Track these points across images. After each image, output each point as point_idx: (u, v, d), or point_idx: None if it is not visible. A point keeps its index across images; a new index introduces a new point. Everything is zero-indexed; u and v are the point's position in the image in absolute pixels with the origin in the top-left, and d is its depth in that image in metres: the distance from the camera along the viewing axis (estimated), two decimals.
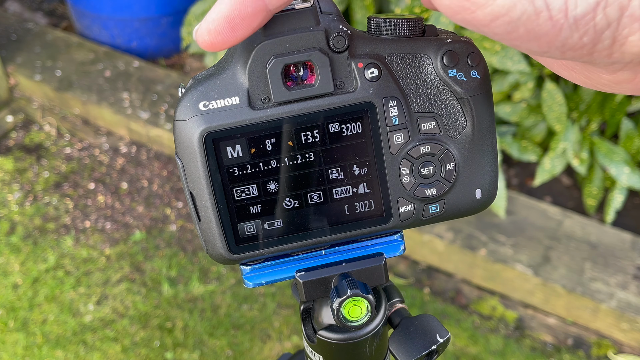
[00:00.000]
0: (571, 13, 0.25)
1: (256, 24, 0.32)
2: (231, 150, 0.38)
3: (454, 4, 0.26)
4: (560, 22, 0.25)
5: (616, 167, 1.95)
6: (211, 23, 0.31)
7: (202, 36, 0.32)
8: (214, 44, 0.32)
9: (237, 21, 0.31)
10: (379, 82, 0.37)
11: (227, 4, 0.31)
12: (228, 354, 1.82)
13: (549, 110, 1.97)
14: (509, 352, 1.83)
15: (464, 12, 0.26)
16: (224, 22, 0.31)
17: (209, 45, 0.32)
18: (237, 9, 0.31)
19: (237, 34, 0.32)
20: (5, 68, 2.60)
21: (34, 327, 1.88)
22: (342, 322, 0.40)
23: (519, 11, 0.25)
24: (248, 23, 0.32)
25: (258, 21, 0.32)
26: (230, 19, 0.31)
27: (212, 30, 0.31)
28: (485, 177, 0.41)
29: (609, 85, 0.31)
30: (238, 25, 0.31)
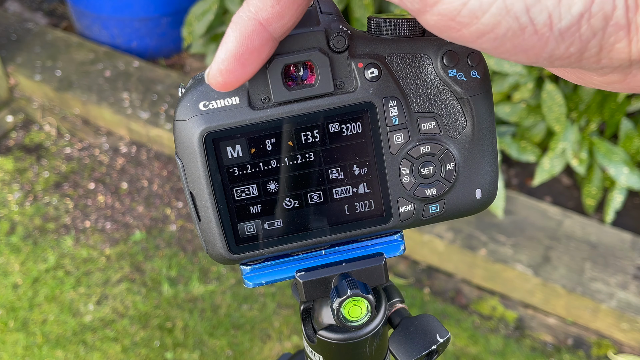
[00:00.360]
0: (556, 26, 0.25)
1: (265, 55, 0.32)
2: (231, 150, 0.38)
3: (440, 24, 0.26)
4: (546, 36, 0.25)
5: (615, 167, 1.95)
6: (221, 63, 0.31)
7: (215, 78, 0.32)
8: (227, 83, 0.32)
9: (246, 57, 0.31)
10: (379, 82, 0.37)
11: (233, 42, 0.31)
12: (228, 354, 1.82)
13: (548, 110, 1.97)
14: (509, 352, 1.83)
15: (449, 30, 0.26)
16: (234, 60, 0.31)
17: (223, 85, 0.32)
18: (244, 44, 0.31)
19: (248, 69, 0.32)
20: (5, 68, 2.60)
21: (34, 327, 1.88)
22: (342, 322, 0.40)
23: (503, 28, 0.25)
24: (257, 56, 0.32)
25: (266, 52, 0.32)
26: (238, 55, 0.31)
27: (224, 70, 0.31)
28: (485, 177, 0.41)
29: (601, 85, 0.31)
30: (247, 60, 0.31)
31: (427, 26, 0.27)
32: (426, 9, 0.26)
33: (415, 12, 0.27)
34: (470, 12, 0.25)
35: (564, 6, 0.24)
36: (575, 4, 0.24)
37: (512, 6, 0.24)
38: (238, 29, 0.31)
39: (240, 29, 0.31)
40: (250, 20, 0.31)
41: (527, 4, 0.24)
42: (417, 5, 0.26)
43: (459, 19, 0.25)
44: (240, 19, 0.31)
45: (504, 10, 0.25)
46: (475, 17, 0.25)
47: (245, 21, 0.31)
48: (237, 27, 0.31)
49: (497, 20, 0.25)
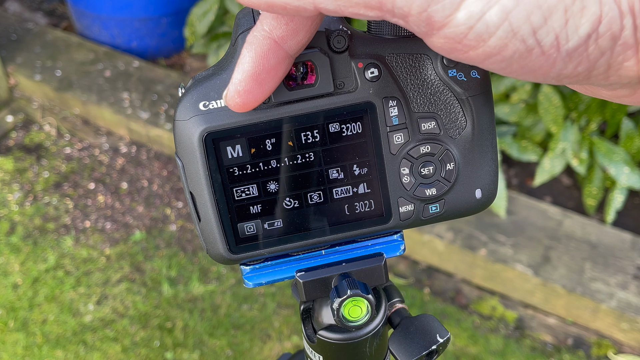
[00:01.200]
0: (563, 47, 0.25)
1: (282, 73, 0.32)
2: (231, 150, 0.38)
3: (446, 46, 0.26)
4: (553, 57, 0.25)
5: (616, 167, 1.95)
6: (239, 84, 0.31)
7: (233, 99, 0.32)
8: (246, 103, 0.32)
9: (263, 76, 0.31)
10: (379, 82, 0.37)
11: (249, 62, 0.31)
12: (228, 354, 1.82)
13: (545, 112, 1.97)
14: (509, 352, 1.83)
15: (456, 52, 0.26)
16: (251, 80, 0.31)
17: (241, 106, 0.32)
18: (260, 64, 0.31)
19: (265, 89, 0.32)
20: (5, 68, 2.60)
21: (34, 327, 1.88)
22: (342, 322, 0.40)
23: (510, 50, 0.25)
24: (274, 74, 0.31)
25: (283, 70, 0.32)
26: (255, 75, 0.31)
27: (242, 92, 0.31)
28: (485, 177, 0.41)
29: (610, 98, 0.31)
30: (265, 79, 0.31)
31: (433, 48, 0.27)
32: (433, 32, 0.26)
33: (421, 34, 0.26)
34: (477, 35, 0.25)
35: (570, 27, 0.24)
36: (582, 25, 0.24)
37: (519, 29, 0.24)
38: (253, 48, 0.31)
39: (255, 48, 0.31)
40: (265, 39, 0.30)
41: (534, 26, 0.24)
42: (424, 29, 0.26)
43: (465, 42, 0.25)
44: (255, 38, 0.31)
45: (510, 33, 0.25)
46: (482, 40, 0.25)
47: (260, 40, 0.30)
48: (252, 47, 0.31)
49: (504, 43, 0.25)
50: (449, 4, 0.24)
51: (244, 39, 0.36)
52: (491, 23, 0.24)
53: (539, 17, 0.24)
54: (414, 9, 0.25)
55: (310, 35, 0.31)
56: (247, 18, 0.37)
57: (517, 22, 0.24)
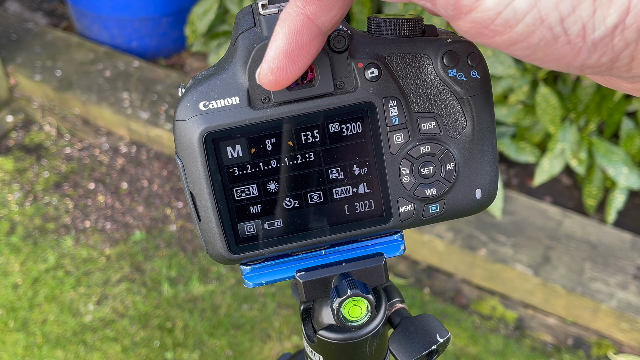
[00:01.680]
0: (589, 37, 0.25)
1: (315, 51, 0.32)
2: (231, 150, 0.38)
3: (473, 31, 0.26)
4: (579, 46, 0.25)
5: (614, 167, 1.95)
6: (272, 62, 0.31)
7: (266, 77, 0.31)
8: (279, 81, 0.31)
9: (296, 53, 0.31)
10: (379, 82, 0.37)
11: (283, 39, 0.30)
12: (228, 354, 1.82)
13: (543, 113, 1.97)
14: (509, 352, 1.83)
15: (482, 37, 0.26)
16: (284, 57, 0.31)
17: (275, 83, 0.32)
18: (293, 40, 0.30)
19: (299, 66, 0.31)
20: (5, 68, 2.60)
21: (34, 327, 1.88)
22: (342, 322, 0.40)
23: (537, 37, 0.25)
24: (307, 51, 0.31)
25: (316, 47, 0.32)
26: (289, 52, 0.31)
27: (275, 69, 0.31)
28: (485, 177, 0.41)
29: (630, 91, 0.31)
30: (298, 56, 0.31)
31: (459, 31, 0.27)
32: (460, 16, 0.26)
33: (448, 17, 0.26)
34: (505, 21, 0.25)
35: (598, 17, 0.24)
36: (610, 15, 0.24)
37: (547, 16, 0.24)
38: (287, 25, 0.30)
39: (288, 25, 0.30)
40: (298, 15, 0.30)
41: (562, 14, 0.24)
42: (451, 12, 0.26)
43: (492, 27, 0.25)
44: (288, 15, 0.30)
45: (538, 20, 0.25)
46: (509, 26, 0.25)
47: (293, 17, 0.30)
48: (285, 24, 0.30)
49: (531, 29, 0.25)
50: None
51: (244, 39, 0.36)
52: (520, 9, 0.24)
53: (568, 6, 0.24)
54: None
55: (344, 12, 0.31)
56: (247, 18, 0.37)
57: (545, 10, 0.24)
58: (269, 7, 0.35)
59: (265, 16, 0.35)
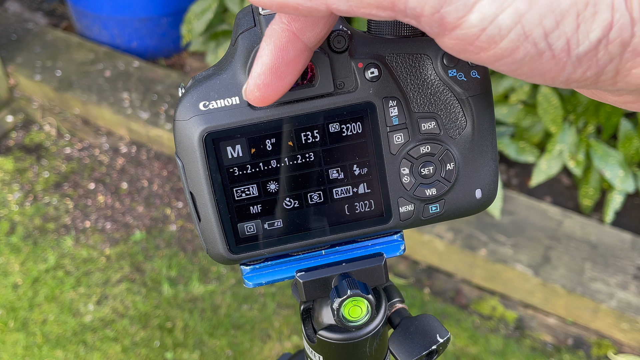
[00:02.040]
0: (574, 52, 0.25)
1: (301, 66, 0.32)
2: (231, 150, 0.38)
3: (458, 47, 0.26)
4: (564, 61, 0.25)
5: (611, 170, 1.95)
6: (258, 78, 0.31)
7: (253, 93, 0.32)
8: (265, 97, 0.32)
9: (282, 69, 0.31)
10: (379, 82, 0.37)
11: (268, 55, 0.31)
12: (228, 354, 1.82)
13: (544, 113, 1.97)
14: (509, 352, 1.83)
15: (467, 53, 0.26)
16: (270, 74, 0.31)
17: (261, 99, 0.32)
18: (279, 56, 0.31)
19: (285, 82, 0.32)
20: (5, 68, 2.60)
21: (34, 327, 1.88)
22: (342, 322, 0.40)
23: (522, 53, 0.25)
24: (293, 67, 0.31)
25: (302, 62, 0.32)
26: (275, 68, 0.31)
27: (261, 85, 0.31)
28: (485, 177, 0.41)
29: (616, 104, 0.31)
30: (284, 72, 0.31)
31: (444, 47, 0.27)
32: (445, 33, 0.26)
33: (433, 34, 0.27)
34: (489, 37, 0.25)
35: (582, 32, 0.25)
36: (593, 30, 0.24)
37: (531, 32, 0.25)
38: (272, 41, 0.30)
39: (274, 41, 0.30)
40: (283, 31, 0.30)
41: (546, 30, 0.24)
42: (436, 29, 0.26)
43: (477, 44, 0.25)
44: (273, 31, 0.30)
45: (522, 36, 0.25)
46: (493, 42, 0.25)
47: (279, 33, 0.30)
48: (270, 40, 0.30)
49: (515, 45, 0.25)
50: (462, 5, 0.24)
51: (244, 39, 0.36)
52: (504, 26, 0.24)
53: (552, 21, 0.24)
54: (427, 9, 0.25)
55: (329, 28, 0.31)
56: (247, 18, 0.37)
57: (529, 26, 0.24)
58: None
59: (265, 16, 0.35)
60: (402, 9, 0.25)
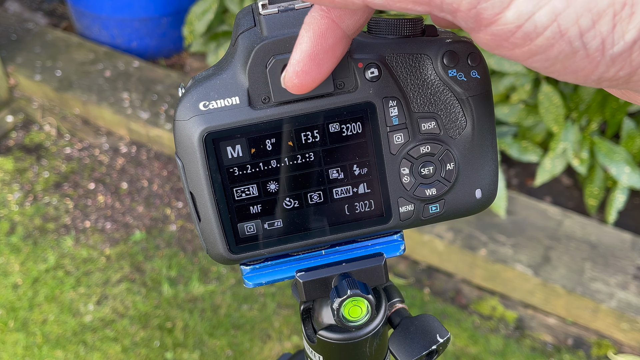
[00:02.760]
0: (608, 52, 0.25)
1: (339, 54, 0.32)
2: (231, 150, 0.38)
3: (492, 43, 0.26)
4: (597, 60, 0.25)
5: (616, 166, 1.95)
6: (297, 65, 0.31)
7: (291, 80, 0.32)
8: (304, 84, 0.32)
9: (320, 56, 0.31)
10: (379, 82, 0.37)
11: (307, 42, 0.31)
12: (228, 354, 1.82)
13: (546, 112, 1.97)
14: (509, 352, 1.83)
15: (501, 49, 0.27)
16: (309, 61, 0.31)
17: (300, 87, 0.32)
18: (318, 43, 0.31)
19: (323, 69, 0.32)
20: (5, 68, 2.60)
21: (34, 327, 1.88)
22: (342, 322, 0.40)
23: (556, 51, 0.25)
24: (332, 55, 0.31)
25: (340, 50, 0.32)
26: (313, 55, 0.31)
27: (300, 72, 0.31)
28: (485, 177, 0.41)
29: None
30: (323, 59, 0.31)
31: (479, 42, 0.27)
32: (480, 28, 0.26)
33: (468, 29, 0.27)
34: (525, 34, 0.25)
35: (617, 33, 0.25)
36: (629, 31, 0.25)
37: (567, 30, 0.25)
38: (311, 28, 0.31)
39: (313, 28, 0.31)
40: (322, 18, 0.30)
41: (582, 29, 0.25)
42: (472, 24, 0.26)
43: (512, 40, 0.26)
44: (312, 18, 0.31)
45: (558, 34, 0.25)
46: (529, 39, 0.25)
47: (318, 20, 0.30)
48: (310, 27, 0.31)
49: (550, 43, 0.25)
50: (498, 2, 0.25)
51: (244, 39, 0.36)
52: (540, 23, 0.25)
53: (588, 20, 0.24)
54: (464, 5, 0.25)
55: (368, 16, 0.31)
56: (247, 18, 0.37)
57: (565, 24, 0.25)
58: (269, 7, 0.35)
59: (265, 16, 0.35)
60: (438, 4, 0.26)
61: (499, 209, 1.92)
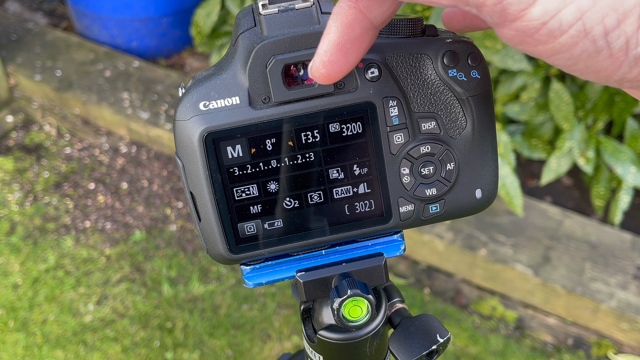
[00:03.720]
0: (632, 52, 0.25)
1: (366, 44, 0.32)
2: (231, 150, 0.38)
3: (516, 39, 0.27)
4: (620, 60, 0.26)
5: (622, 166, 1.94)
6: (324, 55, 0.31)
7: (318, 70, 0.32)
8: (331, 74, 0.32)
9: (348, 46, 0.31)
10: (379, 82, 0.37)
11: (335, 32, 0.31)
12: (228, 354, 1.82)
13: (556, 109, 1.96)
14: (509, 352, 1.83)
15: (524, 45, 0.27)
16: (336, 51, 0.31)
17: (326, 77, 0.32)
18: (345, 34, 0.31)
19: (350, 59, 0.32)
20: (5, 68, 2.60)
21: (34, 327, 1.88)
22: (343, 322, 0.40)
23: (579, 49, 0.25)
24: (359, 45, 0.32)
25: (368, 41, 0.32)
26: (340, 45, 0.31)
27: (327, 62, 0.31)
28: (485, 177, 0.41)
29: None
30: (350, 49, 0.31)
31: (502, 38, 0.27)
32: (505, 23, 0.26)
33: (493, 24, 0.27)
34: (549, 31, 0.25)
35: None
36: None
37: (592, 29, 0.25)
38: (339, 18, 0.31)
39: (341, 18, 0.31)
40: (350, 9, 0.31)
41: (607, 28, 0.25)
42: (497, 19, 0.26)
43: (536, 37, 0.26)
44: (340, 8, 0.31)
45: (582, 33, 0.25)
46: (553, 37, 0.25)
47: (346, 10, 0.31)
48: (337, 17, 0.31)
49: (574, 41, 0.25)
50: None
51: (244, 39, 0.36)
52: (565, 21, 0.25)
53: (613, 20, 0.24)
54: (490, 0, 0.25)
55: (396, 7, 0.32)
56: (247, 18, 0.37)
57: (590, 23, 0.25)
58: (269, 7, 0.35)
59: (265, 16, 0.35)
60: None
61: (517, 207, 1.86)
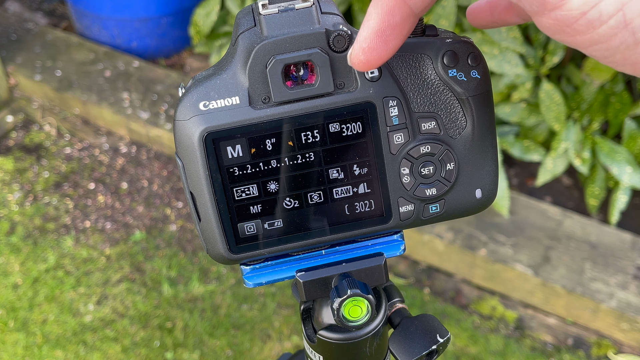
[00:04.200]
0: None
1: (406, 31, 0.32)
2: (231, 150, 0.38)
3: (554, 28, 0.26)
4: None
5: (618, 166, 1.94)
6: (364, 41, 0.31)
7: (357, 57, 0.32)
8: (370, 61, 0.32)
9: (387, 32, 0.31)
10: (379, 82, 0.37)
11: (375, 18, 0.31)
12: (228, 354, 1.82)
13: (547, 110, 1.96)
14: (509, 352, 1.83)
15: (562, 34, 0.26)
16: (376, 37, 0.31)
17: (366, 63, 0.32)
18: (385, 20, 0.31)
19: (389, 46, 0.32)
20: (5, 68, 2.60)
21: (34, 327, 1.88)
22: (343, 322, 0.40)
23: (618, 41, 0.25)
24: (398, 32, 0.32)
25: (407, 28, 0.32)
26: (380, 32, 0.31)
27: (367, 48, 0.32)
28: (485, 177, 0.41)
29: None
30: (389, 36, 0.31)
31: (540, 27, 0.27)
32: (544, 12, 0.26)
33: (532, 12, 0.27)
34: (588, 22, 0.25)
35: None
36: None
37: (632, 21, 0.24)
38: (379, 5, 0.31)
39: (381, 5, 0.31)
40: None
41: None
42: (536, 8, 0.26)
43: (575, 26, 0.25)
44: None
45: (622, 24, 0.25)
46: (592, 27, 0.25)
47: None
48: (378, 4, 0.31)
49: (613, 32, 0.25)
50: None
51: (244, 39, 0.36)
52: (605, 12, 0.24)
53: None
54: None
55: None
56: (247, 18, 0.37)
57: (631, 14, 0.24)
58: (269, 7, 0.35)
59: (265, 16, 0.35)
60: None
61: (502, 208, 1.92)
